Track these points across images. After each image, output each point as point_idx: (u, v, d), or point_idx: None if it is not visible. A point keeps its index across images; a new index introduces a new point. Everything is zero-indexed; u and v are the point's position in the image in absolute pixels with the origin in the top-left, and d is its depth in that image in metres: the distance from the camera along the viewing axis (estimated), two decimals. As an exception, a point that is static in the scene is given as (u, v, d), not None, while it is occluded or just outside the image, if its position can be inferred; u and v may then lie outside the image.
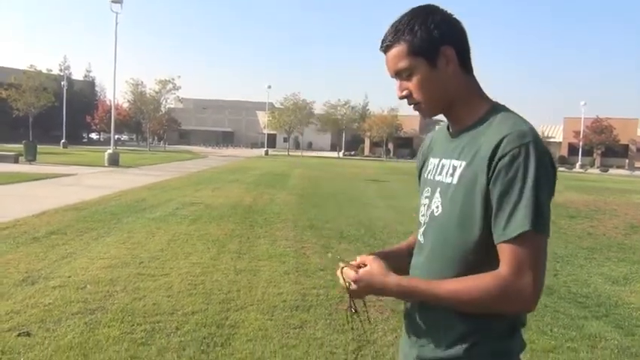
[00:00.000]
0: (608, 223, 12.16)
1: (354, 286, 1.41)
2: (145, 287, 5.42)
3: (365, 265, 1.45)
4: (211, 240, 8.07)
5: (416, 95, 1.44)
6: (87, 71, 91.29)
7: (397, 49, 1.41)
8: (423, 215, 1.51)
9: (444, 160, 1.46)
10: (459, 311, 1.34)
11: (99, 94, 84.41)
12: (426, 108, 1.46)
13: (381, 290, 1.39)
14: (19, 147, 26.58)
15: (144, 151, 52.84)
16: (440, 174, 1.46)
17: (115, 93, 29.93)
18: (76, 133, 70.48)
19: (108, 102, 65.95)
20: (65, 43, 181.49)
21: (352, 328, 4.19)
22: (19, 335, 3.99)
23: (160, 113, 62.96)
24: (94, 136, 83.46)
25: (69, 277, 5.68)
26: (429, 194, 1.49)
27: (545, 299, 5.58)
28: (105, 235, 8.12)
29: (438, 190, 1.44)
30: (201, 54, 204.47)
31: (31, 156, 24.44)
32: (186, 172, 23.47)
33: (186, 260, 6.68)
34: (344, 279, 1.44)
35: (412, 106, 1.47)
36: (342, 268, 1.46)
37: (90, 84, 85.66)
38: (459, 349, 1.36)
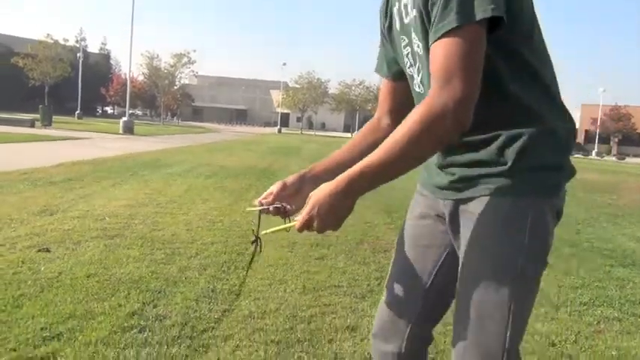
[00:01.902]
0: (628, 197, 11.96)
1: (312, 224, 1.19)
2: (164, 222, 5.37)
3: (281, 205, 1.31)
4: (228, 191, 8.02)
5: None
6: (102, 44, 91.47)
7: None
8: (410, 66, 1.35)
9: (403, 1, 1.30)
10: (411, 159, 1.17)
11: (114, 68, 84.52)
12: None
13: (334, 205, 1.17)
14: (35, 116, 26.66)
15: (157, 125, 52.98)
16: (406, 16, 1.30)
17: (131, 64, 29.85)
18: (91, 106, 70.74)
19: (123, 76, 66.06)
20: (82, 15, 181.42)
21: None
22: (38, 251, 3.95)
23: (175, 88, 62.95)
24: (108, 109, 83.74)
25: (87, 210, 5.65)
26: (406, 41, 1.33)
27: (568, 249, 5.47)
28: (122, 183, 8.09)
29: (412, 29, 1.28)
30: (217, 30, 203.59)
31: (47, 121, 24.54)
32: (200, 142, 23.45)
33: (204, 204, 6.63)
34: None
35: None
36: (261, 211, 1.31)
37: (105, 57, 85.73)
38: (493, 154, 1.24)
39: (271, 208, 1.32)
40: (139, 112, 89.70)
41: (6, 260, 3.67)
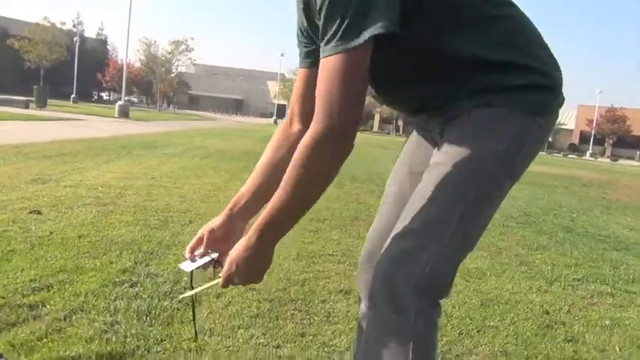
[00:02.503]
0: (622, 193, 12.00)
1: (232, 282, 1.23)
2: (158, 193, 5.32)
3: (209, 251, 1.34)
4: (223, 170, 7.98)
5: None
6: (99, 29, 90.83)
7: None
8: None
9: None
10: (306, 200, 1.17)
11: (111, 53, 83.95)
12: None
13: (250, 259, 1.19)
14: (29, 98, 26.41)
15: (153, 111, 52.70)
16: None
17: (128, 50, 29.59)
18: (87, 91, 70.28)
19: (119, 61, 65.54)
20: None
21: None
22: (29, 212, 3.90)
23: (172, 75, 62.62)
24: (104, 95, 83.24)
25: (80, 181, 5.59)
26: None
27: (562, 234, 5.48)
28: (116, 159, 8.03)
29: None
30: (216, 19, 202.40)
31: (42, 103, 24.35)
32: (196, 128, 23.34)
33: (198, 180, 6.58)
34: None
35: None
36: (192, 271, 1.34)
37: (102, 42, 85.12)
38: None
39: (202, 264, 1.33)
40: (135, 99, 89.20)
41: (-4, 220, 3.62)
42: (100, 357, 1.89)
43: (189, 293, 1.34)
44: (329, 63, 1.09)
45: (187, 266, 1.34)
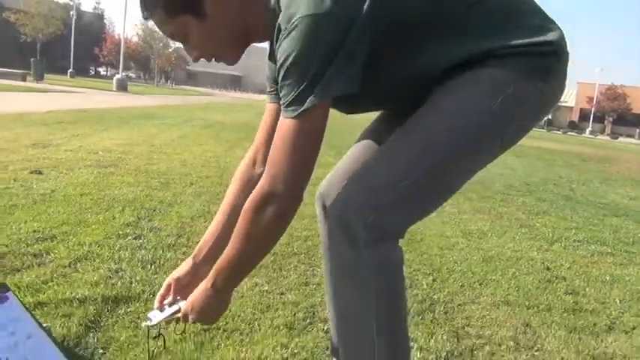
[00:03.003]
0: (621, 166, 12.01)
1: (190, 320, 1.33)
2: (159, 158, 5.31)
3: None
4: (224, 139, 7.95)
5: (207, 51, 1.25)
6: (96, 3, 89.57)
7: (157, 21, 1.20)
8: None
9: None
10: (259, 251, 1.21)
11: (108, 28, 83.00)
12: (225, 57, 1.27)
13: (205, 302, 1.27)
14: (27, 72, 26.17)
15: (151, 86, 52.34)
16: None
17: (126, 23, 29.22)
18: (84, 66, 69.63)
19: (117, 36, 64.83)
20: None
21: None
22: (31, 172, 3.89)
23: (169, 50, 62.05)
24: (101, 70, 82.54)
25: (80, 146, 5.57)
26: None
27: (563, 201, 5.49)
28: (115, 128, 7.98)
29: None
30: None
31: (39, 76, 24.14)
32: (195, 102, 23.20)
33: (199, 148, 6.56)
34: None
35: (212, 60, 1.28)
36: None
37: (99, 17, 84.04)
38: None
39: (170, 314, 1.39)
40: (133, 75, 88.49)
41: (-2, 178, 3.61)
42: (106, 299, 1.90)
43: (161, 319, 1.40)
44: (283, 126, 1.10)
45: (155, 316, 1.40)
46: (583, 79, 63.82)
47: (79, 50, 58.10)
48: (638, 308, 2.43)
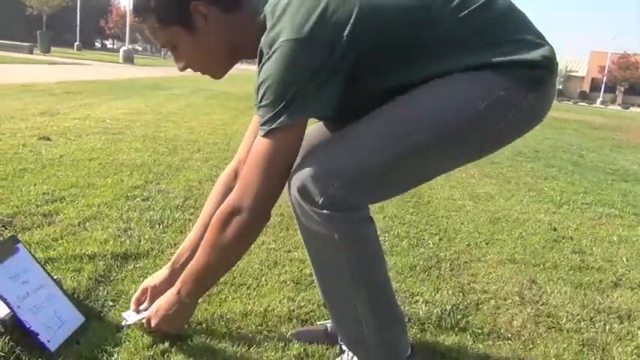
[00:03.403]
0: (632, 135, 11.88)
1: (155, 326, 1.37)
2: (166, 126, 5.31)
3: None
4: (231, 108, 7.93)
5: (194, 63, 1.29)
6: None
7: (148, 27, 1.23)
8: None
9: None
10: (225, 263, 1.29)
11: (112, 0, 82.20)
12: (211, 71, 1.33)
13: (169, 309, 1.34)
14: (34, 44, 26.05)
15: (158, 59, 52.07)
16: None
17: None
18: (90, 39, 69.18)
19: (122, 8, 64.25)
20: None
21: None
22: (39, 139, 3.91)
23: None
24: (107, 43, 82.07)
25: (88, 114, 5.58)
26: None
27: (572, 167, 5.45)
28: (123, 98, 7.97)
29: None
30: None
31: (46, 48, 24.06)
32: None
33: (206, 117, 6.55)
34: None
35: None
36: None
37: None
38: None
39: (144, 317, 1.42)
40: (139, 47, 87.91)
41: (6, 144, 3.63)
42: (115, 256, 1.92)
43: (130, 322, 1.45)
44: (257, 144, 1.13)
45: (130, 317, 1.45)
46: (595, 47, 62.64)
47: (85, 23, 57.68)
48: (645, 266, 2.43)
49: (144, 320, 1.40)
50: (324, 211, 1.10)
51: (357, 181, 1.12)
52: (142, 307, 1.47)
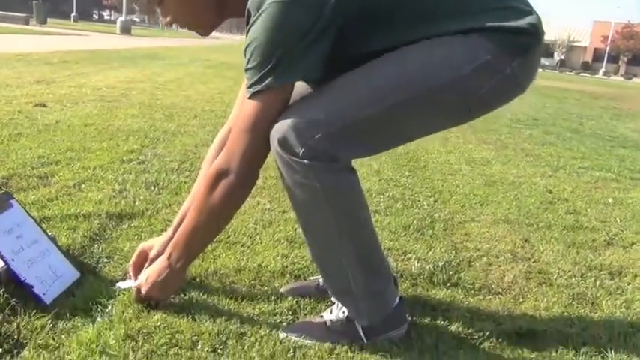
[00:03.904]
0: (633, 103, 11.82)
1: (146, 294, 1.32)
2: (163, 94, 5.29)
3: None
4: (228, 77, 7.88)
5: (180, 18, 1.27)
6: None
7: None
8: None
9: None
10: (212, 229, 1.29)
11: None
12: (198, 27, 1.30)
13: (159, 275, 1.30)
14: (30, 15, 25.72)
15: (155, 30, 51.46)
16: None
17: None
18: (87, 10, 68.33)
19: (119, -22, 63.15)
20: None
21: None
22: (35, 105, 3.90)
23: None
24: (105, 14, 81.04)
25: (84, 82, 5.55)
26: None
27: (570, 134, 5.44)
28: (119, 67, 7.91)
29: None
30: None
31: (42, 19, 23.77)
32: (200, 44, 22.85)
33: (203, 86, 6.51)
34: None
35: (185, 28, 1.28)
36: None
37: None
38: None
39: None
40: (137, 19, 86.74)
41: (1, 111, 3.62)
42: (110, 216, 1.93)
43: (123, 286, 1.44)
44: (244, 106, 1.13)
45: (123, 284, 1.44)
46: (599, 17, 61.76)
47: (81, -7, 56.75)
48: (639, 226, 2.44)
49: (134, 287, 1.41)
50: (305, 162, 1.10)
51: (339, 133, 1.11)
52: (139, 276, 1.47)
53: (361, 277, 1.23)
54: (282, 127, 1.11)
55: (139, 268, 1.44)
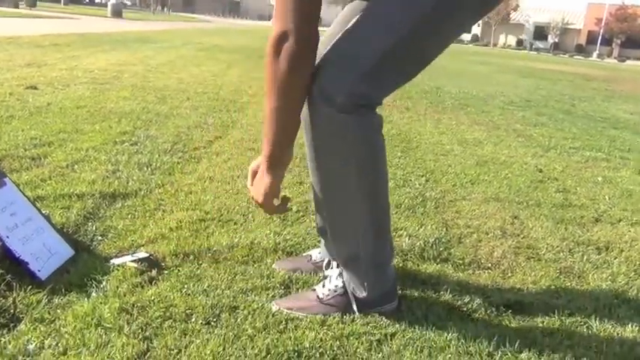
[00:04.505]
0: (626, 86, 11.83)
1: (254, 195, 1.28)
2: (155, 77, 5.26)
3: None
4: (221, 60, 7.83)
5: None
6: None
7: None
8: None
9: None
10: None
11: (99, -48, 79.52)
12: None
13: (259, 179, 1.25)
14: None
15: (147, 14, 50.88)
16: None
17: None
18: (77, -7, 67.28)
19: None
20: None
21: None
22: (26, 88, 3.88)
23: (165, -25, 59.78)
24: (95, -2, 79.85)
25: (75, 65, 5.51)
26: None
27: (562, 115, 5.46)
28: (111, 50, 7.84)
29: None
30: None
31: (32, 1, 23.43)
32: (193, 27, 22.63)
33: (196, 68, 6.47)
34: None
35: None
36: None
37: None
38: None
39: (133, 259, 1.45)
40: (128, 2, 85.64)
41: (-7, 93, 3.60)
42: (104, 196, 1.94)
43: (126, 261, 1.46)
44: None
45: (118, 260, 1.46)
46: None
47: (71, -24, 55.88)
48: (627, 203, 2.48)
49: (130, 263, 1.43)
50: (342, 114, 1.13)
51: (372, 72, 1.13)
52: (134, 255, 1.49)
53: (370, 244, 1.25)
54: (318, 79, 1.14)
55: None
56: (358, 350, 1.17)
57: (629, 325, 1.37)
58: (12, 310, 1.21)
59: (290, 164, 1.28)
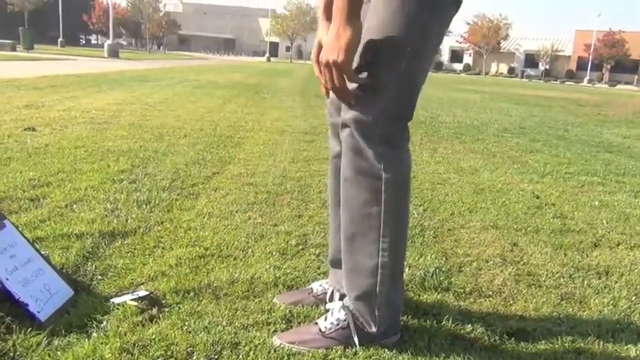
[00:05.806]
0: (617, 110, 11.97)
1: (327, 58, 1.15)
2: (152, 115, 5.31)
3: None
4: (217, 96, 7.92)
5: None
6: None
7: None
8: None
9: None
10: None
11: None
12: None
13: (340, 32, 1.12)
14: (16, 42, 25.74)
15: (143, 53, 51.62)
16: None
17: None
18: (74, 35, 68.38)
19: (105, 2, 63.46)
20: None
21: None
22: (24, 129, 3.91)
23: (160, 14, 60.93)
24: (92, 39, 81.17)
25: (73, 106, 5.56)
26: None
27: (556, 141, 5.51)
28: (108, 90, 7.93)
29: None
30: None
31: (29, 45, 23.78)
32: (189, 65, 22.93)
33: (192, 105, 6.54)
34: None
35: None
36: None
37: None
38: None
39: (132, 298, 1.45)
40: (124, 42, 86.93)
41: (-8, 136, 3.63)
42: (103, 235, 1.95)
43: (123, 300, 1.46)
44: None
45: (118, 299, 1.46)
46: (581, 26, 62.63)
47: (68, 18, 56.86)
48: (625, 227, 2.49)
49: (130, 302, 1.43)
50: (379, 148, 1.19)
51: (398, 97, 1.19)
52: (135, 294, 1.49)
53: (387, 282, 1.26)
54: (353, 112, 1.18)
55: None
56: (362, 384, 1.16)
57: (633, 350, 1.36)
58: (12, 354, 1.20)
59: (288, 197, 1.29)
